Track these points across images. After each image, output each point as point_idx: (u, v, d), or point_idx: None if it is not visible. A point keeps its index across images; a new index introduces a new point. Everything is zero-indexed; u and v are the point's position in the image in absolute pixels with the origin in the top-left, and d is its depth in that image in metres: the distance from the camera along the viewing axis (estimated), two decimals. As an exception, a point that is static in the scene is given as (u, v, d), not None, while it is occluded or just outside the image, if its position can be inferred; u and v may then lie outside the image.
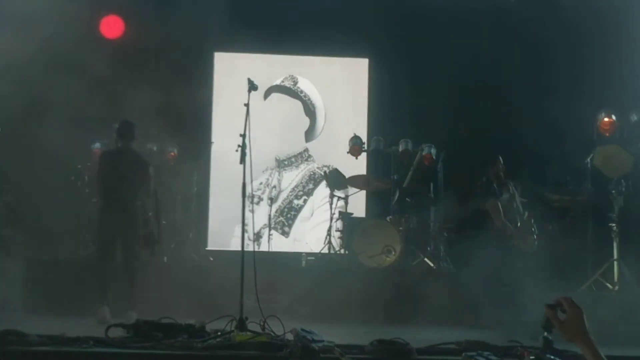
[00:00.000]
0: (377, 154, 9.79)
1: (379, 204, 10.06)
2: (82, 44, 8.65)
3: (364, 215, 10.23)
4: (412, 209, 9.04)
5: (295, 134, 11.00)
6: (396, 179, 9.33)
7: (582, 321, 2.44)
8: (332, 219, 9.19)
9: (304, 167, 10.97)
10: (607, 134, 8.34)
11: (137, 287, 7.30)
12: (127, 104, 8.65)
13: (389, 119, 10.45)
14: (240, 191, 5.75)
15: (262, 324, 5.35)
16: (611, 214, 7.41)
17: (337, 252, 9.03)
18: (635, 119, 8.44)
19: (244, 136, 5.61)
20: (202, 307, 6.67)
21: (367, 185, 9.65)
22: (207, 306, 6.57)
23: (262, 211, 10.31)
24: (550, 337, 2.57)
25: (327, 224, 9.26)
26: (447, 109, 10.05)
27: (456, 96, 10.09)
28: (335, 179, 9.40)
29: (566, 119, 9.08)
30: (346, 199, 9.40)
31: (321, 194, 10.64)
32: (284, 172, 10.92)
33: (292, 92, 11.06)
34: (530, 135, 9.64)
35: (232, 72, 10.45)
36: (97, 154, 8.82)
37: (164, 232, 9.14)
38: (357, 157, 9.77)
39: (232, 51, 10.96)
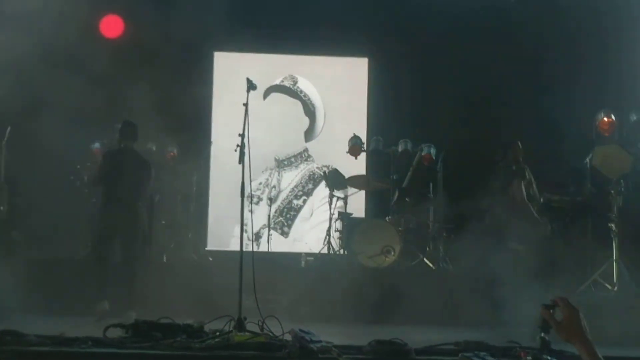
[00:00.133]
0: (377, 154, 9.78)
1: (378, 204, 10.06)
2: (82, 43, 8.65)
3: (363, 215, 10.23)
4: (411, 209, 9.04)
5: (294, 134, 11.00)
6: (395, 179, 9.32)
7: (578, 321, 2.44)
8: (331, 219, 9.18)
9: (304, 167, 10.97)
10: (607, 133, 8.34)
11: (137, 287, 7.31)
12: (127, 103, 8.66)
13: (389, 119, 10.46)
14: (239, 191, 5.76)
15: (260, 324, 5.35)
16: (610, 214, 7.41)
17: (337, 253, 9.02)
18: (634, 119, 8.45)
19: (242, 136, 5.60)
20: (201, 307, 6.65)
21: (367, 185, 9.65)
22: (206, 306, 6.56)
23: (261, 211, 10.31)
24: (547, 337, 2.57)
25: (327, 224, 9.25)
26: (447, 109, 10.04)
27: (456, 96, 10.08)
28: (334, 179, 9.39)
29: (565, 119, 9.09)
30: (345, 199, 9.39)
31: (321, 194, 10.63)
32: (284, 172, 10.92)
33: (292, 91, 11.06)
34: (529, 135, 9.63)
35: (232, 72, 10.45)
36: (98, 154, 8.84)
37: (164, 232, 9.20)
38: (356, 157, 9.75)
39: (231, 51, 10.96)
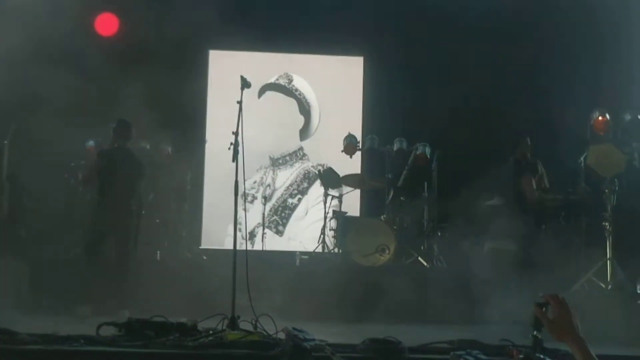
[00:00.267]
0: (372, 153, 9.78)
1: (373, 203, 10.06)
2: (77, 41, 8.62)
3: (358, 214, 10.24)
4: (406, 208, 9.03)
5: (289, 133, 10.99)
6: (390, 178, 9.31)
7: (570, 319, 2.43)
8: (326, 217, 9.18)
9: (299, 166, 10.96)
10: (601, 133, 8.34)
11: (130, 285, 7.31)
12: (121, 101, 8.63)
13: (384, 117, 10.46)
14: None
15: (254, 322, 5.34)
16: (604, 213, 7.41)
17: (331, 251, 9.02)
18: (629, 119, 8.44)
19: (236, 134, 5.59)
20: (195, 306, 6.64)
21: (362, 184, 9.65)
22: (200, 305, 6.55)
23: (256, 210, 10.31)
24: (539, 335, 2.56)
25: (321, 223, 9.25)
26: (442, 108, 10.03)
27: (451, 95, 10.08)
28: (329, 178, 9.38)
29: (560, 118, 9.09)
30: (340, 198, 9.39)
31: (315, 193, 10.63)
32: (279, 170, 10.91)
33: (287, 90, 11.05)
34: (524, 132, 9.64)
35: (227, 70, 10.44)
36: (92, 152, 8.82)
37: (158, 230, 9.17)
38: (351, 156, 9.75)
39: (226, 49, 10.95)
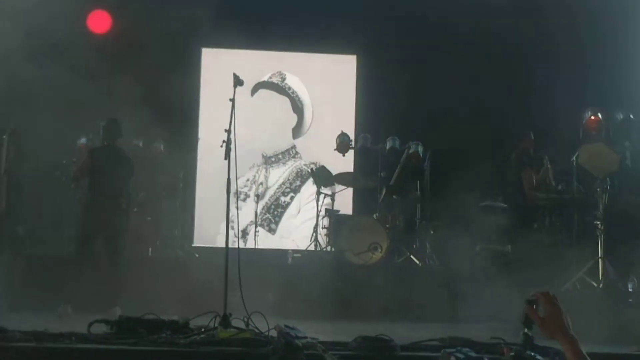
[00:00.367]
0: (364, 152, 9.79)
1: (365, 202, 10.06)
2: (69, 38, 8.59)
3: (350, 212, 10.24)
4: (398, 206, 9.04)
5: (282, 131, 10.98)
6: (383, 176, 9.32)
7: (560, 317, 2.44)
8: (318, 216, 9.18)
9: (291, 164, 10.96)
10: (593, 132, 8.35)
11: (122, 282, 7.30)
12: (114, 99, 8.61)
13: (377, 116, 10.46)
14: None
15: (246, 320, 5.34)
16: (596, 212, 7.43)
17: (324, 249, 9.02)
18: (621, 118, 8.46)
19: (229, 132, 5.58)
20: (187, 304, 6.63)
21: (354, 182, 9.65)
22: (192, 302, 6.53)
23: (248, 208, 10.30)
24: (530, 333, 2.57)
25: (314, 221, 9.26)
26: (435, 107, 10.04)
27: (443, 94, 10.08)
28: (322, 176, 9.39)
29: (552, 117, 9.11)
30: (333, 196, 9.40)
31: (308, 191, 10.63)
32: (271, 168, 10.91)
33: (280, 88, 11.05)
34: (516, 133, 9.66)
35: (220, 68, 10.42)
36: (84, 149, 8.80)
37: (150, 228, 9.15)
38: (344, 155, 9.74)
39: (219, 47, 10.94)
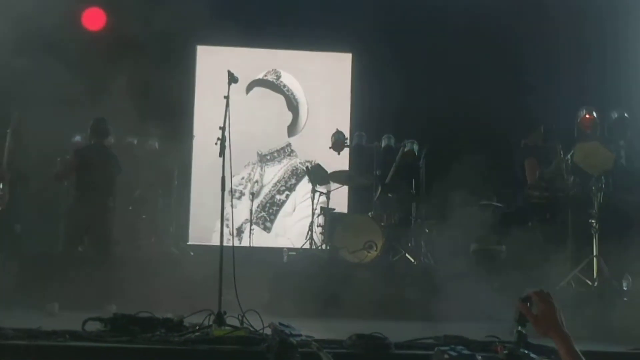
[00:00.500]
0: (360, 150, 9.78)
1: (361, 200, 10.06)
2: (63, 35, 8.58)
3: (346, 210, 10.24)
4: (393, 204, 9.04)
5: (277, 129, 10.97)
6: (378, 174, 9.32)
7: (554, 314, 2.43)
8: (314, 214, 9.17)
9: (287, 162, 10.95)
10: (588, 130, 8.36)
11: (114, 279, 7.31)
12: (109, 97, 8.59)
13: (372, 114, 10.46)
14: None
15: (240, 318, 5.33)
16: (591, 210, 7.44)
17: (319, 248, 9.02)
18: (615, 117, 8.46)
19: (223, 129, 5.58)
20: (181, 302, 6.62)
21: (349, 180, 9.65)
22: (186, 300, 6.52)
23: (243, 206, 10.28)
24: (524, 331, 2.56)
25: (309, 219, 9.25)
26: (430, 105, 10.04)
27: (439, 93, 10.08)
28: (317, 174, 9.38)
29: (547, 115, 9.11)
30: (328, 195, 9.40)
31: (303, 189, 10.62)
32: (266, 166, 10.90)
33: (275, 86, 11.03)
34: (511, 131, 9.67)
35: (215, 66, 10.38)
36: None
37: (144, 226, 9.14)
38: (339, 153, 9.74)
39: (214, 45, 10.93)
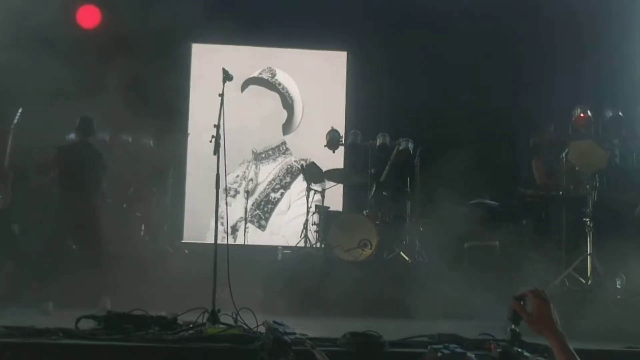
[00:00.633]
0: (355, 148, 9.78)
1: (355, 198, 10.05)
2: (58, 33, 8.55)
3: (340, 209, 10.23)
4: (388, 203, 9.04)
5: (272, 127, 10.97)
6: (373, 173, 9.32)
7: (548, 313, 2.44)
8: (308, 212, 9.17)
9: (281, 160, 10.95)
10: (582, 129, 8.38)
11: (107, 273, 7.32)
12: (104, 95, 8.57)
13: (367, 112, 10.46)
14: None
15: (234, 316, 5.32)
16: (585, 208, 7.45)
17: (314, 246, 9.01)
18: (610, 115, 8.49)
19: (218, 127, 5.57)
20: (175, 299, 6.62)
21: (344, 179, 9.64)
22: (180, 298, 6.52)
23: (238, 204, 10.28)
24: (517, 329, 2.57)
25: (304, 218, 9.24)
26: (425, 103, 10.05)
27: (434, 91, 10.09)
28: (312, 173, 9.37)
29: (542, 114, 9.13)
30: (323, 193, 9.38)
31: (298, 188, 10.62)
32: (261, 165, 10.89)
33: (270, 84, 11.02)
34: (506, 130, 9.70)
35: (210, 64, 10.37)
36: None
37: (139, 224, 9.13)
38: (334, 151, 9.74)
39: (209, 42, 10.91)
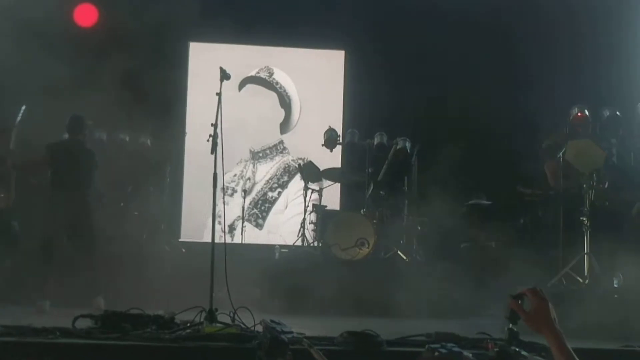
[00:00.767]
0: (352, 147, 9.77)
1: (353, 197, 10.05)
2: (54, 31, 8.55)
3: (338, 208, 10.23)
4: (386, 202, 9.04)
5: (270, 126, 10.96)
6: (370, 172, 9.32)
7: (547, 311, 2.43)
8: (306, 211, 9.16)
9: (279, 159, 10.94)
10: (580, 129, 8.38)
11: (100, 272, 7.33)
12: (101, 94, 8.55)
13: (365, 111, 10.45)
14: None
15: (232, 315, 5.33)
16: (582, 207, 7.46)
17: (311, 245, 9.01)
18: (607, 115, 8.48)
19: (215, 126, 5.57)
20: (172, 298, 6.62)
21: (342, 178, 9.64)
22: (178, 297, 6.53)
23: (236, 203, 10.27)
24: (515, 328, 2.56)
25: (301, 217, 9.23)
26: (422, 103, 10.05)
27: (431, 90, 10.09)
28: (309, 172, 9.37)
29: (539, 113, 9.14)
30: (320, 192, 9.38)
31: (295, 187, 10.61)
32: (259, 164, 10.89)
33: (268, 83, 11.01)
34: (503, 129, 9.70)
35: (207, 63, 10.35)
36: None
37: (136, 223, 9.12)
38: (331, 150, 9.73)
39: (207, 41, 10.89)
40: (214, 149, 5.56)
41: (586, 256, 7.31)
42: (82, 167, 7.63)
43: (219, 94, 5.71)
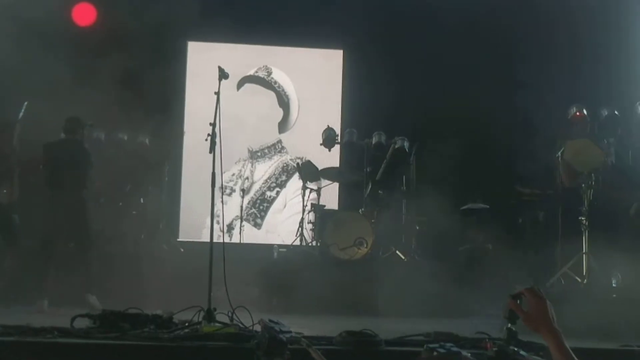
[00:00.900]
0: (350, 146, 9.76)
1: (351, 197, 10.05)
2: (53, 30, 8.54)
3: (336, 207, 10.22)
4: (384, 201, 9.04)
5: (268, 125, 10.96)
6: (369, 171, 9.31)
7: (546, 311, 2.43)
8: (304, 210, 9.16)
9: (277, 159, 10.94)
10: (578, 128, 8.37)
11: (94, 270, 7.34)
12: (100, 93, 8.55)
13: (363, 111, 10.45)
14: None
15: (230, 315, 5.32)
16: (581, 207, 7.46)
17: (309, 244, 9.01)
18: (605, 114, 8.49)
19: (213, 125, 5.57)
20: (171, 298, 6.62)
21: (340, 177, 9.64)
22: (176, 297, 6.52)
23: (234, 202, 10.26)
24: (513, 328, 2.56)
25: (300, 216, 9.23)
26: (421, 102, 10.05)
27: (430, 90, 10.09)
28: (308, 171, 9.36)
29: (538, 113, 9.14)
30: (319, 191, 9.38)
31: (294, 186, 10.61)
32: (257, 163, 10.88)
33: (266, 82, 11.01)
34: (502, 129, 9.70)
35: (206, 62, 10.34)
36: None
37: (134, 222, 9.12)
38: (330, 149, 9.71)
39: (205, 41, 10.89)
40: (212, 148, 5.56)
41: (585, 256, 7.32)
42: (77, 166, 7.66)
43: (218, 93, 5.71)
